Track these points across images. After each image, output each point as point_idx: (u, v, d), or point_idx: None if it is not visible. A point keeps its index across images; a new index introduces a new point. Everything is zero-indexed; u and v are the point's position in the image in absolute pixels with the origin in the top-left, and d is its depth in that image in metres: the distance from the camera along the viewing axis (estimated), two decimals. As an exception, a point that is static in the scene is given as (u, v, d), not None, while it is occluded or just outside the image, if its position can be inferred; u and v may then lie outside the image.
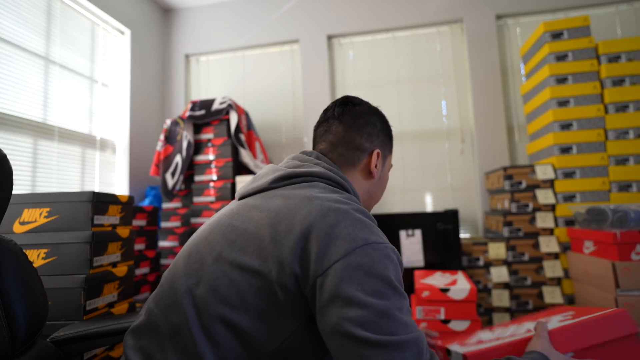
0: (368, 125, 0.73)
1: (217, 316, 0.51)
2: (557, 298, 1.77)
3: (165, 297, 0.57)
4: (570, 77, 1.87)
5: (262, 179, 0.66)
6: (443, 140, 2.50)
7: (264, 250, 0.52)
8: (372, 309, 0.46)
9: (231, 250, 0.54)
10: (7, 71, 1.73)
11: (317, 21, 2.70)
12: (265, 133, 2.76)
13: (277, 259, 0.51)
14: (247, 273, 0.52)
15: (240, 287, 0.51)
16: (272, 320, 0.51)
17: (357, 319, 0.45)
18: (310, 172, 0.64)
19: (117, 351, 1.27)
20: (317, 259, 0.49)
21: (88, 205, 1.20)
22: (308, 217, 0.53)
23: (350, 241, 0.50)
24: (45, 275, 1.16)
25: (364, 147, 0.72)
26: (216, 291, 0.52)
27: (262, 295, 0.51)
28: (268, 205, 0.58)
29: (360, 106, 0.75)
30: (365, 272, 0.48)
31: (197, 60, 2.95)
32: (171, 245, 2.25)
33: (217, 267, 0.54)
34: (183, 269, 0.58)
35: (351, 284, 0.47)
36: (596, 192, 1.80)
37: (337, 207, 0.54)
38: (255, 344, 0.51)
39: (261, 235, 0.53)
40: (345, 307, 0.46)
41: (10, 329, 0.63)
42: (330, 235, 0.50)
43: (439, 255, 1.90)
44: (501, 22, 2.51)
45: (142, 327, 0.58)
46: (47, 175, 1.90)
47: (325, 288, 0.48)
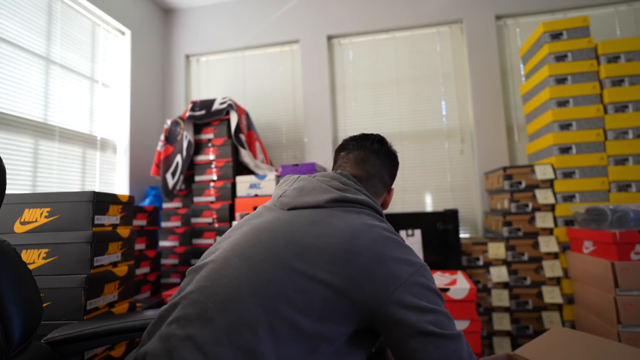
0: (394, 167, 0.87)
1: (283, 316, 0.57)
2: (556, 298, 1.78)
3: (222, 293, 0.59)
4: (570, 77, 1.87)
5: (312, 196, 0.73)
6: (443, 140, 2.51)
7: (334, 266, 0.60)
8: (440, 313, 0.60)
9: (298, 261, 0.61)
10: (8, 71, 1.73)
11: (317, 21, 2.70)
12: (265, 133, 2.76)
13: (348, 276, 0.60)
14: (315, 282, 0.59)
15: (308, 293, 0.58)
16: (329, 324, 0.59)
17: (433, 322, 0.59)
18: (358, 200, 0.74)
19: (117, 351, 1.28)
20: (386, 281, 0.60)
21: (89, 205, 1.20)
22: (375, 243, 0.64)
23: (410, 264, 0.63)
24: (46, 275, 1.16)
25: (388, 184, 0.86)
26: (286, 295, 0.58)
27: (327, 303, 0.59)
28: (330, 225, 0.66)
29: (390, 148, 0.88)
30: (426, 288, 0.62)
31: (197, 61, 2.96)
32: (171, 245, 2.26)
33: (286, 274, 0.60)
34: (245, 270, 0.61)
35: (420, 297, 0.60)
36: (595, 192, 1.80)
37: (392, 237, 0.67)
38: (313, 345, 0.58)
39: (331, 252, 0.62)
40: (422, 314, 0.59)
41: (4, 331, 0.62)
42: (396, 260, 0.63)
43: (438, 255, 1.90)
44: (501, 22, 2.52)
45: (190, 318, 0.58)
46: (48, 175, 1.91)
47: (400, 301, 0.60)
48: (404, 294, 0.60)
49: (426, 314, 0.59)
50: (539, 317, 1.82)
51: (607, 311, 1.45)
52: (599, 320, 1.52)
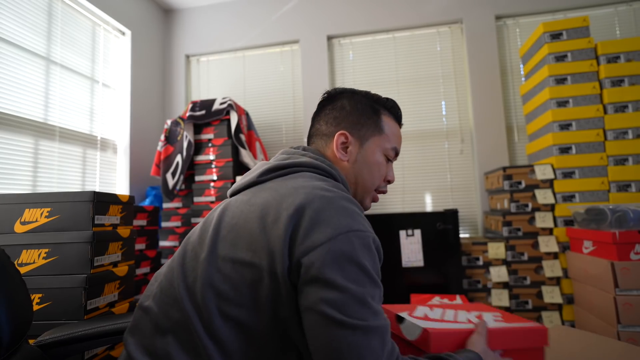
0: (334, 110, 0.74)
1: (216, 311, 0.52)
2: (556, 298, 1.78)
3: (165, 295, 0.58)
4: (570, 77, 1.87)
5: (250, 174, 0.68)
6: (442, 141, 2.51)
7: (254, 243, 0.54)
8: (349, 294, 0.49)
9: (222, 246, 0.56)
10: (9, 71, 1.73)
11: (317, 22, 2.70)
12: (265, 133, 2.76)
13: (267, 249, 0.52)
14: (239, 266, 0.53)
15: (235, 281, 0.53)
16: (267, 311, 0.52)
17: (335, 302, 0.48)
18: (297, 163, 0.66)
19: (118, 351, 1.28)
20: (301, 242, 0.51)
21: (89, 205, 1.21)
22: (293, 204, 0.54)
23: (335, 227, 0.52)
24: (46, 275, 1.16)
25: (328, 132, 0.73)
26: (212, 287, 0.54)
27: (256, 287, 0.52)
28: (256, 199, 0.60)
29: (336, 94, 0.76)
30: (347, 259, 0.50)
31: (197, 61, 2.96)
32: (172, 245, 2.26)
33: (210, 263, 0.55)
34: (180, 267, 0.59)
35: (332, 268, 0.49)
36: (595, 192, 1.80)
37: (322, 195, 0.56)
38: (254, 335, 0.53)
39: (250, 228, 0.55)
40: (325, 289, 0.49)
41: (-7, 334, 0.61)
42: (315, 220, 0.52)
43: (438, 255, 1.90)
44: (500, 22, 2.52)
45: (141, 325, 0.58)
46: (48, 175, 1.91)
47: (308, 269, 0.50)
48: (312, 261, 0.50)
49: (329, 291, 0.48)
50: (539, 317, 1.82)
51: (607, 311, 1.45)
52: (598, 320, 1.52)
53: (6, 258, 0.70)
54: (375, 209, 2.46)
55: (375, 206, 2.46)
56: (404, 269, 1.90)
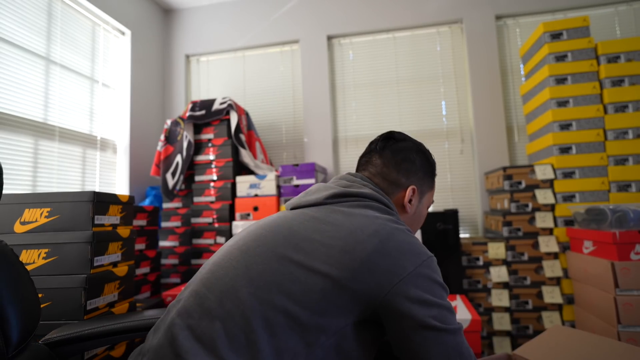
0: (406, 161, 0.79)
1: (280, 307, 0.56)
2: (556, 298, 1.78)
3: (221, 283, 0.61)
4: (570, 77, 1.87)
5: (315, 195, 0.74)
6: (443, 140, 2.51)
7: (331, 258, 0.59)
8: (443, 308, 0.59)
9: (296, 253, 0.61)
10: (8, 71, 1.73)
11: (317, 21, 2.70)
12: (265, 133, 2.76)
13: (348, 267, 0.58)
14: (313, 274, 0.58)
15: (305, 285, 0.58)
16: (327, 316, 0.57)
17: (437, 316, 0.58)
18: (361, 193, 0.72)
19: (117, 350, 1.28)
20: (389, 272, 0.59)
21: (89, 205, 1.20)
22: (378, 234, 0.62)
23: (417, 255, 0.61)
24: (46, 275, 1.16)
25: (400, 182, 0.78)
26: (281, 286, 0.58)
27: (325, 294, 0.57)
28: (330, 219, 0.66)
29: (402, 142, 0.81)
30: (432, 280, 0.61)
31: (197, 61, 2.96)
32: (172, 245, 2.26)
33: (283, 264, 0.60)
34: (242, 261, 0.62)
35: (425, 289, 0.59)
36: (595, 192, 1.80)
37: (397, 227, 0.65)
38: (310, 337, 0.56)
39: (329, 245, 0.61)
40: (426, 307, 0.58)
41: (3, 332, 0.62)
42: (401, 251, 0.61)
43: (438, 255, 1.90)
44: (501, 22, 2.52)
45: (190, 309, 0.59)
46: (48, 175, 1.91)
47: (404, 294, 0.58)
48: (408, 286, 0.58)
49: (430, 308, 0.58)
50: (539, 317, 1.82)
51: (607, 311, 1.45)
52: (598, 320, 1.52)
53: (15, 257, 0.70)
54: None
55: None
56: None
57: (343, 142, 2.63)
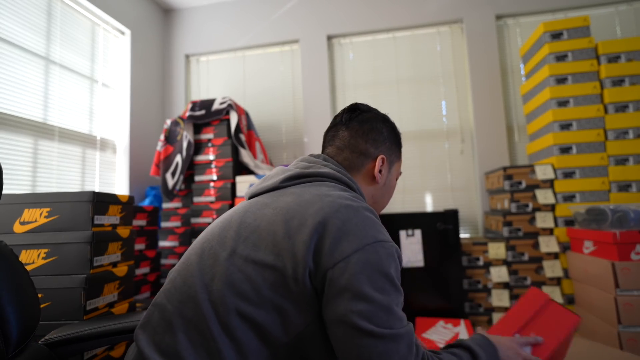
0: (374, 131, 0.75)
1: (233, 310, 0.53)
2: (556, 298, 1.78)
3: (178, 293, 0.58)
4: (570, 77, 1.87)
5: (271, 179, 0.70)
6: (443, 140, 2.51)
7: (277, 245, 0.55)
8: (377, 304, 0.51)
9: (245, 247, 0.57)
10: (8, 71, 1.73)
11: (317, 21, 2.70)
12: (265, 133, 2.76)
13: (291, 253, 0.54)
14: (261, 268, 0.55)
15: (255, 282, 0.54)
16: (286, 314, 0.54)
17: (364, 313, 0.50)
18: (319, 173, 0.68)
19: (117, 351, 1.28)
20: (329, 252, 0.53)
21: (88, 205, 1.20)
22: (320, 211, 0.56)
23: (362, 237, 0.54)
24: (46, 275, 1.16)
25: (369, 152, 0.74)
26: (232, 286, 0.55)
27: (277, 289, 0.54)
28: (279, 203, 0.61)
29: (367, 113, 0.77)
30: (374, 269, 0.53)
31: (197, 61, 2.96)
32: (171, 245, 2.26)
33: (232, 262, 0.56)
34: (197, 265, 0.59)
35: (360, 278, 0.52)
36: (596, 192, 1.80)
37: (348, 204, 0.58)
38: (271, 337, 0.54)
39: (274, 231, 0.57)
40: (354, 300, 0.51)
41: (2, 332, 0.62)
42: (343, 230, 0.54)
43: (438, 255, 1.90)
44: (501, 22, 2.51)
45: (153, 322, 0.58)
46: (48, 175, 1.91)
47: (336, 280, 0.52)
48: (341, 272, 0.52)
49: (358, 302, 0.51)
50: (539, 317, 1.82)
51: (608, 311, 1.45)
52: (599, 321, 1.52)
53: (14, 257, 0.71)
54: (376, 209, 2.46)
55: (376, 206, 2.46)
56: (404, 269, 1.90)
57: (343, 142, 2.62)
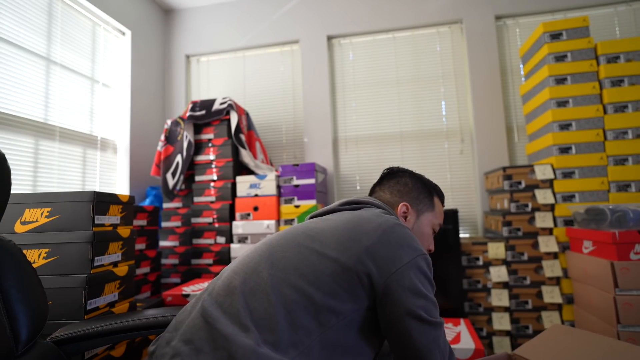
0: (399, 184, 0.92)
1: (296, 286, 0.64)
2: (556, 298, 1.78)
3: (246, 268, 0.70)
4: (569, 77, 1.87)
5: (330, 205, 0.88)
6: (442, 140, 2.51)
7: (341, 245, 0.68)
8: (430, 300, 0.67)
9: (311, 242, 0.71)
10: (9, 71, 1.73)
11: (317, 22, 2.71)
12: (265, 133, 2.76)
13: (355, 254, 0.67)
14: (324, 258, 0.67)
15: (318, 268, 0.66)
16: (338, 299, 0.64)
17: (423, 307, 0.65)
18: (370, 202, 0.85)
19: (118, 350, 1.28)
20: (390, 259, 0.67)
21: (89, 205, 1.21)
22: (381, 226, 0.71)
23: (414, 250, 0.70)
24: (46, 275, 1.17)
25: (393, 201, 0.90)
26: (298, 269, 0.66)
27: (336, 278, 0.65)
28: (342, 218, 0.76)
29: (398, 173, 0.95)
30: (422, 274, 0.68)
31: (197, 61, 2.96)
32: (172, 245, 2.26)
33: (299, 251, 0.70)
34: (266, 251, 0.72)
35: (416, 280, 0.66)
36: (595, 192, 1.80)
37: (399, 223, 0.74)
38: (322, 317, 0.63)
39: (339, 235, 0.70)
40: (416, 297, 0.65)
41: (12, 330, 0.63)
42: (399, 243, 0.69)
43: (438, 255, 1.90)
44: (500, 22, 2.52)
45: (219, 289, 0.68)
46: (48, 175, 1.91)
47: (399, 282, 0.65)
48: (403, 275, 0.66)
49: (419, 298, 0.65)
50: (539, 317, 1.82)
51: (607, 311, 1.45)
52: (598, 320, 1.52)
53: (23, 256, 0.71)
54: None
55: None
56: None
57: (343, 142, 2.63)
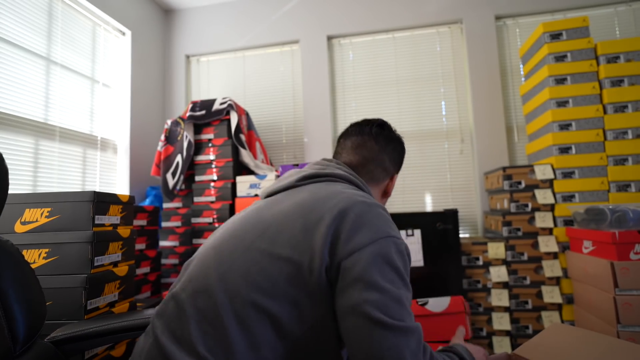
0: (395, 151, 0.83)
1: (249, 301, 0.54)
2: (556, 298, 1.78)
3: (194, 283, 0.60)
4: (569, 77, 1.87)
5: (287, 179, 0.73)
6: (442, 140, 2.51)
7: (293, 239, 0.57)
8: (389, 295, 0.51)
9: (262, 241, 0.59)
10: (9, 71, 1.73)
11: (317, 22, 2.71)
12: (265, 133, 2.76)
13: (308, 247, 0.56)
14: (277, 261, 0.56)
15: (271, 274, 0.55)
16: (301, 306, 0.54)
17: (376, 302, 0.50)
18: (333, 173, 0.72)
19: (118, 350, 1.28)
20: (344, 244, 0.55)
21: (89, 205, 1.21)
22: (337, 206, 0.59)
23: (375, 231, 0.56)
24: (46, 275, 1.17)
25: (389, 170, 0.82)
26: (248, 277, 0.56)
27: (292, 282, 0.55)
28: (296, 199, 0.64)
29: (393, 133, 0.85)
30: (385, 262, 0.54)
31: (197, 61, 2.96)
32: (172, 245, 2.26)
33: (248, 255, 0.58)
34: (214, 257, 0.61)
35: (373, 269, 0.53)
36: (595, 192, 1.80)
37: (363, 200, 0.61)
38: (285, 328, 0.54)
39: (291, 226, 0.58)
40: (366, 289, 0.51)
41: (10, 330, 0.63)
42: (358, 223, 0.56)
43: (438, 255, 1.90)
44: (500, 22, 2.52)
45: (169, 311, 0.59)
46: (48, 175, 1.91)
47: (349, 270, 0.53)
48: (354, 263, 0.53)
49: (371, 291, 0.51)
50: (539, 317, 1.82)
51: (607, 311, 1.45)
52: (598, 320, 1.52)
53: (21, 256, 0.71)
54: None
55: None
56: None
57: (343, 142, 2.63)
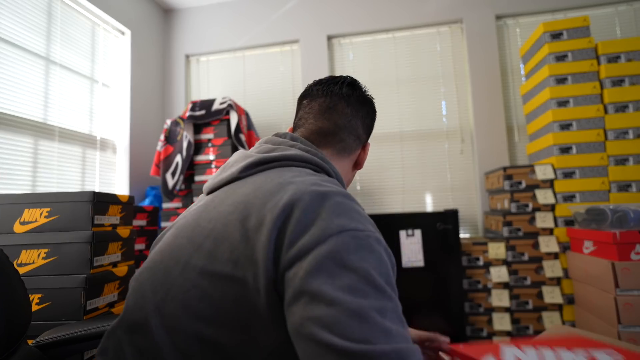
0: (368, 116, 0.70)
1: (192, 335, 0.44)
2: (556, 298, 1.78)
3: (129, 317, 0.49)
4: (570, 77, 1.87)
5: (229, 169, 0.58)
6: (443, 141, 2.51)
7: (235, 251, 0.44)
8: (341, 307, 0.36)
9: (199, 256, 0.47)
10: (8, 71, 1.73)
11: (317, 21, 2.70)
12: (265, 133, 2.76)
13: (250, 260, 0.43)
14: (219, 281, 0.44)
15: (214, 298, 0.44)
16: (253, 332, 0.43)
17: (323, 319, 0.36)
18: (285, 156, 0.56)
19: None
20: (286, 250, 0.42)
21: (88, 205, 1.20)
22: (279, 204, 0.45)
23: (325, 228, 0.42)
24: (46, 275, 1.16)
25: (362, 138, 0.69)
26: (188, 306, 0.45)
27: (239, 304, 0.43)
28: (236, 196, 0.50)
29: (365, 93, 0.71)
30: (337, 263, 0.39)
31: (197, 61, 2.96)
32: (171, 245, 2.25)
33: (185, 277, 0.46)
34: (149, 282, 0.50)
35: (319, 276, 0.38)
36: (596, 192, 1.80)
37: (314, 190, 0.46)
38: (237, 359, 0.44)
39: (231, 235, 0.46)
40: (310, 304, 0.37)
41: (-9, 334, 0.61)
42: (305, 222, 0.43)
43: (439, 255, 1.90)
44: (501, 22, 2.51)
45: (109, 352, 0.50)
46: (48, 175, 1.91)
47: (291, 282, 0.40)
48: (296, 272, 0.40)
49: (316, 305, 0.37)
50: (539, 317, 1.82)
51: (608, 311, 1.45)
52: (599, 321, 1.52)
53: (4, 257, 0.70)
54: (375, 209, 2.46)
55: (375, 206, 2.46)
56: (404, 269, 1.90)
57: (343, 142, 2.62)
